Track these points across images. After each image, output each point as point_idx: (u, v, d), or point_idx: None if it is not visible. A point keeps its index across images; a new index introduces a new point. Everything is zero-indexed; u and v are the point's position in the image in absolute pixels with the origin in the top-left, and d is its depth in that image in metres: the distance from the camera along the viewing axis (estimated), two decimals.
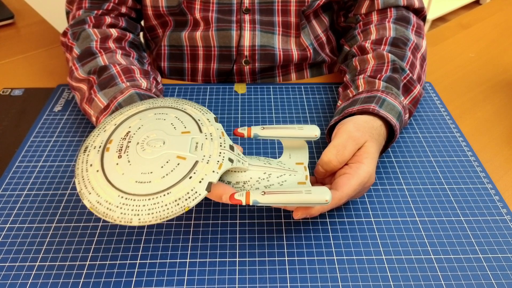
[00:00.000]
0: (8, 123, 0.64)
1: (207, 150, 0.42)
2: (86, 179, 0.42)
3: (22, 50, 0.82)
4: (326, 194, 0.41)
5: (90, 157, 0.43)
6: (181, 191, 0.39)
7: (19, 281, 0.44)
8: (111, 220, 0.40)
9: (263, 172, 0.45)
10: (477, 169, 0.56)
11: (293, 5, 0.70)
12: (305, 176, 0.46)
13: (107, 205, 0.40)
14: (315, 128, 0.47)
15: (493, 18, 0.94)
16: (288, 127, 0.47)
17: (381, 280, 0.44)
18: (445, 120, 0.64)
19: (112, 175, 0.41)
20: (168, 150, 0.42)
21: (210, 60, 0.74)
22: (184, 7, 0.69)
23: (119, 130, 0.45)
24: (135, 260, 0.46)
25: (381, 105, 0.54)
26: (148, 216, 0.39)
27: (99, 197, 0.41)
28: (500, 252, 0.47)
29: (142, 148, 0.42)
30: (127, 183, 0.41)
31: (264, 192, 0.41)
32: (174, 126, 0.44)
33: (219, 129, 0.44)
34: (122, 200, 0.40)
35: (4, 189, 0.53)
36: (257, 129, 0.47)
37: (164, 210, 0.39)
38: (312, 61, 0.75)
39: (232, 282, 0.44)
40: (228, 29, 0.70)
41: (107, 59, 0.60)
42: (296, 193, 0.41)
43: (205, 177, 0.40)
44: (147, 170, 0.41)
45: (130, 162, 0.41)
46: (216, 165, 0.41)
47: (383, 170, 0.56)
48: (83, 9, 0.68)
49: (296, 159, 0.48)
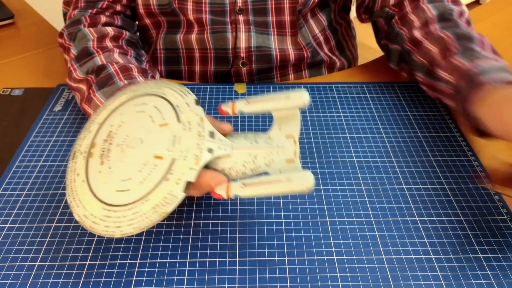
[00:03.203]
0: (8, 123, 0.64)
1: (185, 143, 0.40)
2: (74, 190, 0.42)
3: (22, 50, 0.82)
4: (307, 181, 0.38)
5: (77, 165, 0.43)
6: (158, 197, 0.38)
7: (19, 281, 0.44)
8: (96, 233, 0.40)
9: (249, 154, 0.43)
10: (477, 169, 0.56)
11: (286, 3, 0.69)
12: (293, 152, 0.43)
13: (93, 219, 0.40)
14: (303, 94, 0.42)
15: (493, 18, 0.94)
16: (274, 98, 0.44)
17: (381, 280, 0.44)
18: (445, 120, 0.64)
19: (96, 185, 0.41)
20: (146, 149, 0.40)
21: (206, 63, 0.74)
22: (176, 7, 0.69)
23: (102, 130, 0.44)
24: (135, 260, 0.46)
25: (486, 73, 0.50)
26: (129, 228, 0.39)
27: (85, 211, 0.41)
28: (500, 252, 0.47)
29: (122, 151, 0.41)
30: (109, 193, 0.40)
31: (244, 184, 0.40)
32: (153, 119, 0.42)
33: (198, 115, 0.42)
34: (105, 212, 0.40)
35: (4, 189, 0.53)
36: (242, 104, 0.44)
37: (143, 220, 0.38)
38: (310, 60, 0.75)
39: (232, 282, 0.44)
40: (223, 31, 0.70)
41: (104, 59, 0.60)
42: (275, 183, 0.39)
43: (182, 176, 0.39)
44: (126, 177, 0.40)
45: (111, 168, 0.41)
46: (193, 160, 0.39)
47: (383, 170, 0.56)
48: (78, 8, 0.68)
49: (286, 131, 0.44)
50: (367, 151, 0.59)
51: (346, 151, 0.59)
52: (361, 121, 0.64)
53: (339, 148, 0.59)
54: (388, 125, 0.63)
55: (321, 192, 0.53)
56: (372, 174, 0.56)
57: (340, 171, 0.56)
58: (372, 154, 0.59)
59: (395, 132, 0.62)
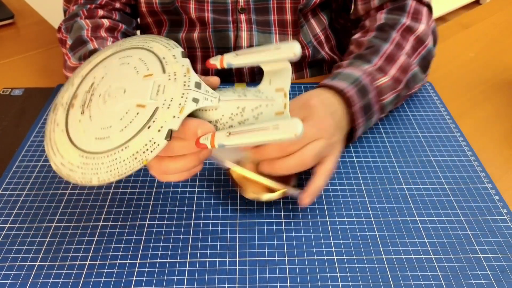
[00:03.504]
0: (8, 123, 0.64)
1: (169, 93, 0.38)
2: (52, 139, 0.41)
3: (22, 50, 0.82)
4: (295, 128, 0.36)
5: (57, 116, 0.42)
6: (139, 144, 0.37)
7: (19, 281, 0.44)
8: (73, 181, 0.38)
9: (236, 106, 0.40)
10: (477, 169, 0.56)
11: (288, 3, 0.69)
12: (283, 104, 0.41)
13: (70, 166, 0.39)
14: (294, 45, 0.40)
15: (493, 18, 0.94)
16: (263, 50, 0.41)
17: (381, 280, 0.44)
18: (445, 120, 0.64)
19: (74, 134, 0.40)
20: (129, 99, 0.39)
21: None
22: (179, 6, 0.69)
23: (85, 82, 0.42)
24: (135, 260, 0.46)
25: (333, 78, 0.56)
26: (106, 174, 0.38)
27: (62, 159, 0.39)
28: (500, 252, 0.47)
29: (103, 101, 0.40)
30: (88, 141, 0.39)
31: (229, 133, 0.38)
32: (137, 70, 0.41)
33: (184, 66, 0.40)
34: (83, 159, 0.38)
35: (4, 189, 0.53)
36: (231, 57, 0.42)
37: (122, 166, 0.37)
38: (311, 59, 0.75)
39: (232, 282, 0.44)
40: (225, 30, 0.70)
41: (97, 45, 0.60)
42: (262, 130, 0.37)
43: (164, 124, 0.37)
44: (106, 125, 0.38)
45: (91, 117, 0.39)
46: (177, 109, 0.37)
47: (383, 170, 0.56)
48: (77, 4, 0.68)
49: (277, 85, 0.42)
50: (367, 151, 0.59)
51: (346, 151, 0.59)
52: None
53: None
54: (388, 125, 0.63)
55: (321, 192, 0.53)
56: (372, 174, 0.56)
57: (340, 171, 0.56)
58: (372, 154, 0.59)
59: (395, 132, 0.62)
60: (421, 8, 0.66)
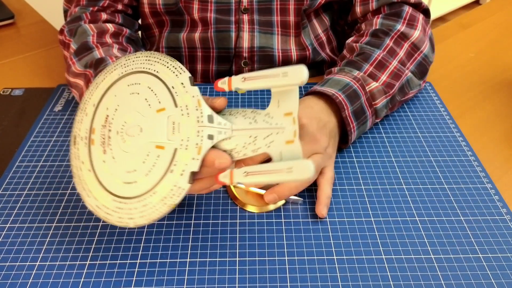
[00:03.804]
0: (8, 123, 0.64)
1: (185, 131, 0.40)
2: (82, 179, 0.43)
3: (22, 50, 0.82)
4: (307, 171, 0.38)
5: (80, 152, 0.44)
6: (165, 189, 0.39)
7: (19, 281, 0.44)
8: (111, 223, 0.41)
9: (249, 136, 0.42)
10: (477, 169, 0.56)
11: (292, 4, 0.69)
12: (293, 132, 0.42)
13: (105, 210, 0.42)
14: (302, 70, 0.40)
15: (493, 18, 0.94)
16: (271, 75, 0.42)
17: (381, 280, 0.44)
18: (445, 120, 0.65)
19: (102, 176, 0.42)
20: (147, 138, 0.41)
21: (208, 62, 0.74)
22: (182, 6, 0.69)
23: (99, 113, 0.44)
24: (135, 260, 0.46)
25: (323, 84, 0.56)
26: (141, 219, 0.40)
27: (97, 201, 0.42)
28: (500, 252, 0.47)
29: (122, 139, 0.42)
30: (117, 185, 0.41)
31: (247, 173, 0.40)
32: (149, 103, 0.42)
33: (195, 97, 0.41)
34: (116, 204, 0.41)
35: (4, 189, 0.53)
36: (238, 81, 0.43)
37: (154, 212, 0.40)
38: (311, 61, 0.75)
39: (232, 282, 0.44)
40: (227, 30, 0.70)
41: (103, 52, 0.60)
42: (277, 173, 0.40)
43: (185, 167, 0.39)
44: (131, 168, 0.41)
45: (114, 158, 0.42)
46: (195, 149, 0.40)
47: (383, 170, 0.56)
48: (80, 6, 0.68)
49: (285, 108, 0.43)
50: (367, 151, 0.59)
51: (346, 151, 0.59)
52: None
53: (339, 148, 0.59)
54: (388, 125, 0.63)
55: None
56: (372, 174, 0.56)
57: (340, 171, 0.56)
58: (372, 154, 0.59)
59: (395, 132, 0.62)
60: (417, 15, 0.67)
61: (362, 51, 0.62)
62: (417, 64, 0.63)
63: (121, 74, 0.45)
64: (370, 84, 0.58)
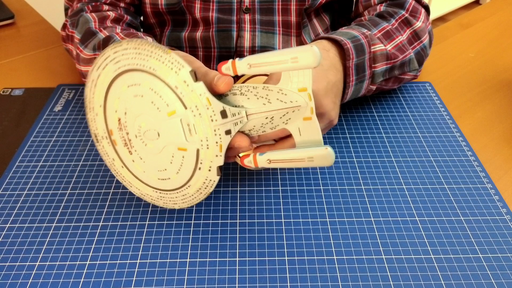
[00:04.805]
0: (8, 123, 0.64)
1: (201, 132, 0.41)
2: (118, 173, 0.47)
3: (22, 50, 0.82)
4: (329, 159, 0.42)
5: (106, 149, 0.47)
6: (198, 182, 0.43)
7: (19, 281, 0.44)
8: (159, 206, 0.48)
9: (265, 117, 0.43)
10: (477, 169, 0.56)
11: (293, 4, 0.70)
12: (310, 109, 0.42)
13: (150, 197, 0.47)
14: (313, 52, 0.37)
15: (493, 18, 0.94)
16: (278, 62, 0.39)
17: (381, 280, 0.44)
18: (445, 120, 0.65)
19: (137, 173, 0.46)
20: (166, 143, 0.42)
21: (209, 61, 0.74)
22: (184, 6, 0.69)
23: (109, 115, 0.44)
24: (135, 260, 0.46)
25: (331, 34, 0.57)
26: (184, 203, 0.46)
27: (140, 191, 0.47)
28: (500, 252, 0.47)
29: (143, 143, 0.43)
30: (153, 180, 0.45)
31: (270, 161, 0.44)
32: (157, 107, 0.41)
33: (202, 95, 0.40)
34: (157, 194, 0.46)
35: (4, 189, 0.53)
36: (244, 67, 0.41)
37: (193, 198, 0.45)
38: None
39: (232, 282, 0.44)
40: (228, 30, 0.70)
41: (108, 33, 0.61)
42: (299, 161, 0.43)
43: (212, 164, 0.42)
44: (161, 167, 0.44)
45: (142, 159, 0.44)
46: (216, 147, 0.41)
47: (383, 170, 0.56)
48: (82, 2, 0.68)
49: (299, 84, 0.41)
50: (367, 151, 0.59)
51: (346, 151, 0.59)
52: (361, 121, 0.64)
53: (339, 148, 0.59)
54: (388, 125, 0.63)
55: (321, 192, 0.53)
56: (372, 174, 0.56)
57: (340, 171, 0.56)
58: (372, 154, 0.59)
59: (395, 132, 0.62)
60: (420, 8, 0.67)
61: (371, 19, 0.62)
62: (416, 52, 0.63)
63: (115, 73, 0.42)
64: (376, 45, 0.58)
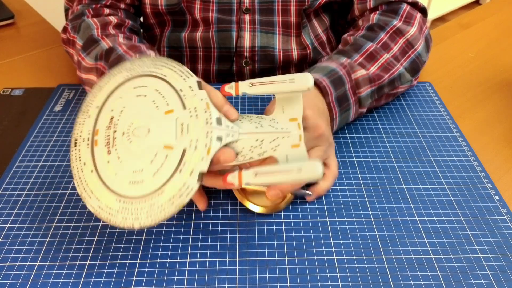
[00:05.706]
0: (8, 123, 0.64)
1: (193, 133, 0.40)
2: (83, 180, 0.42)
3: (22, 50, 0.82)
4: (316, 172, 0.39)
5: (82, 153, 0.43)
6: (173, 189, 0.39)
7: (19, 281, 0.44)
8: (114, 224, 0.40)
9: (255, 139, 0.43)
10: (477, 169, 0.56)
11: (293, 5, 0.70)
12: (298, 137, 0.43)
13: (108, 210, 0.40)
14: (308, 78, 0.42)
15: (493, 18, 0.94)
16: (278, 81, 0.43)
17: (381, 280, 0.44)
18: (445, 120, 0.65)
19: (106, 176, 0.41)
20: (154, 139, 0.41)
21: (209, 61, 0.74)
22: (184, 6, 0.69)
23: (103, 115, 0.43)
24: (135, 260, 0.46)
25: (310, 71, 0.57)
26: (147, 220, 0.39)
27: (99, 202, 0.41)
28: (500, 252, 0.47)
29: (129, 140, 0.41)
30: (122, 184, 0.40)
31: (256, 174, 0.40)
32: (157, 105, 0.42)
33: (203, 100, 0.41)
34: (121, 204, 0.40)
35: (4, 189, 0.53)
36: (245, 86, 0.44)
37: (161, 212, 0.39)
38: (312, 60, 0.75)
39: (232, 282, 0.44)
40: (228, 30, 0.70)
41: (110, 42, 0.60)
42: (286, 173, 0.40)
43: (195, 167, 0.39)
44: (138, 168, 0.40)
45: (120, 158, 0.41)
46: (204, 150, 0.39)
47: (382, 170, 0.56)
48: (82, 4, 0.68)
49: (290, 114, 0.45)
50: (367, 151, 0.59)
51: (346, 151, 0.59)
52: (361, 121, 0.64)
53: (339, 148, 0.59)
54: (388, 125, 0.63)
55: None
56: (372, 174, 0.56)
57: (340, 171, 0.56)
58: (372, 154, 0.59)
59: (395, 132, 0.62)
60: (415, 13, 0.67)
61: (354, 43, 0.62)
62: (410, 61, 0.63)
63: (126, 78, 0.44)
64: (357, 71, 0.58)
